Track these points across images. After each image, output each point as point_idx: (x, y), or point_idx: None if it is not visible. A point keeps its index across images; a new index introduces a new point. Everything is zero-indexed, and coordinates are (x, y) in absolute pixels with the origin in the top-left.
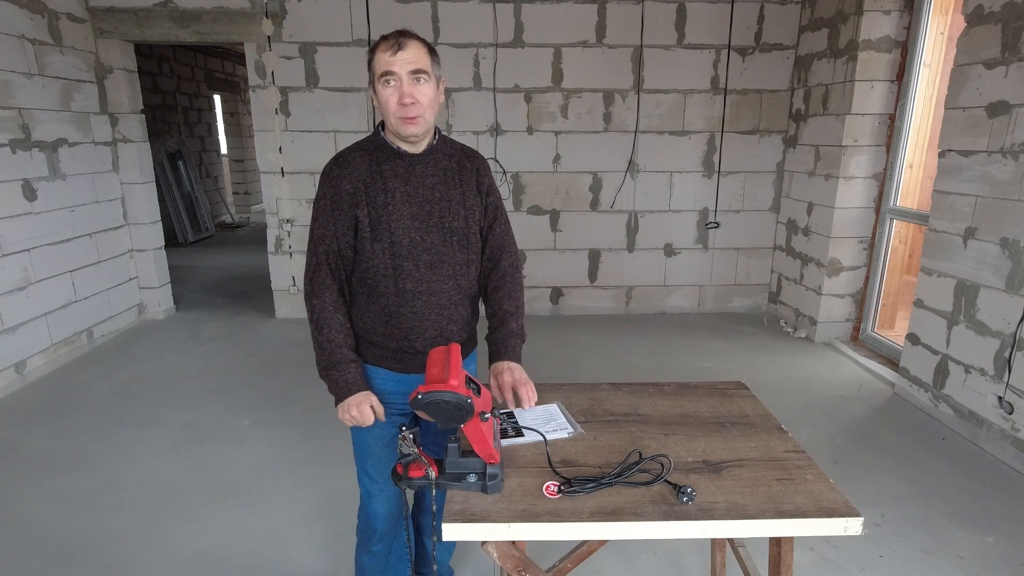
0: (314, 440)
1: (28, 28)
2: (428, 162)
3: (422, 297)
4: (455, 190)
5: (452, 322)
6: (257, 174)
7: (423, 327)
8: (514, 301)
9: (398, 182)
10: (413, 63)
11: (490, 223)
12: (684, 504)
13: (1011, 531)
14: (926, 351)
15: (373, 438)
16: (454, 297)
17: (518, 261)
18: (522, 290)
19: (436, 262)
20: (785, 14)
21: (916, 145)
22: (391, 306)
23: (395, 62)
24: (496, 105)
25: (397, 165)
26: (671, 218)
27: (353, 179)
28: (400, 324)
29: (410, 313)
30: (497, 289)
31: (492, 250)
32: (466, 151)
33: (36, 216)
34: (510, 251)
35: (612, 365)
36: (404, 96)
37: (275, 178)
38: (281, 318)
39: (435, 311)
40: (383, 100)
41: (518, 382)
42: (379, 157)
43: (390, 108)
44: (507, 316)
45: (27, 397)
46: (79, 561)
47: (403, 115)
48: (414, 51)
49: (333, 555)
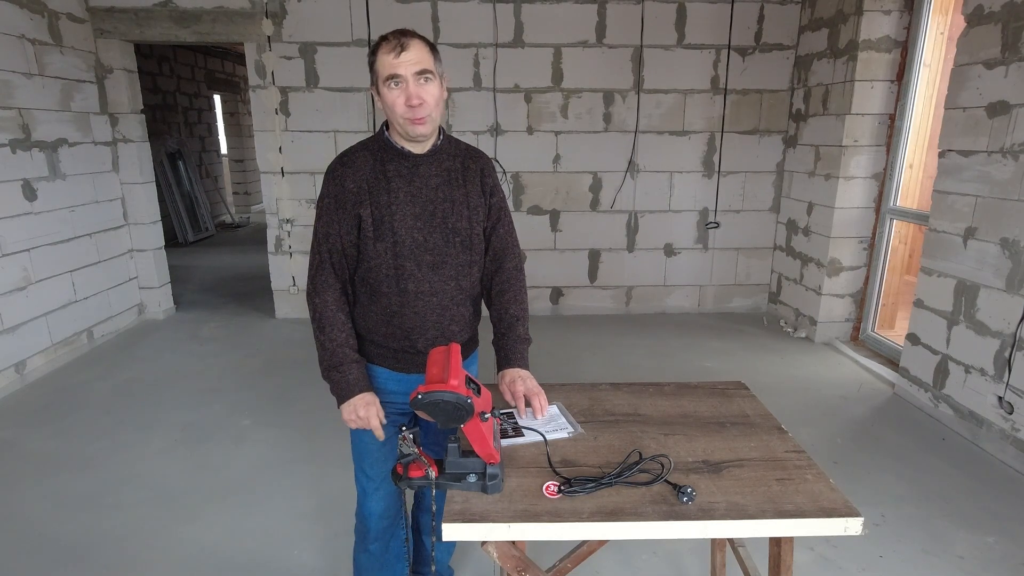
0: (314, 440)
1: (28, 28)
2: (432, 162)
3: (424, 298)
4: (459, 190)
5: (454, 322)
6: (257, 174)
7: (424, 327)
8: (520, 304)
9: (402, 182)
10: (418, 63)
11: (493, 224)
12: (684, 504)
13: (1011, 531)
14: (926, 351)
15: (371, 437)
16: (456, 297)
17: (521, 263)
18: (526, 292)
19: (438, 263)
20: (785, 14)
21: (916, 145)
22: (393, 306)
23: (400, 64)
24: (496, 105)
25: (401, 165)
26: (671, 218)
27: (357, 178)
28: (402, 324)
29: (412, 313)
30: (503, 292)
31: (495, 251)
32: (470, 151)
33: (36, 216)
34: (513, 252)
35: (612, 365)
36: (411, 97)
37: (275, 178)
38: (281, 318)
39: (437, 311)
40: (389, 102)
41: (531, 392)
42: (383, 157)
43: (397, 110)
44: (514, 321)
45: (27, 397)
46: (79, 561)
47: (411, 116)
48: (417, 51)
49: (332, 555)
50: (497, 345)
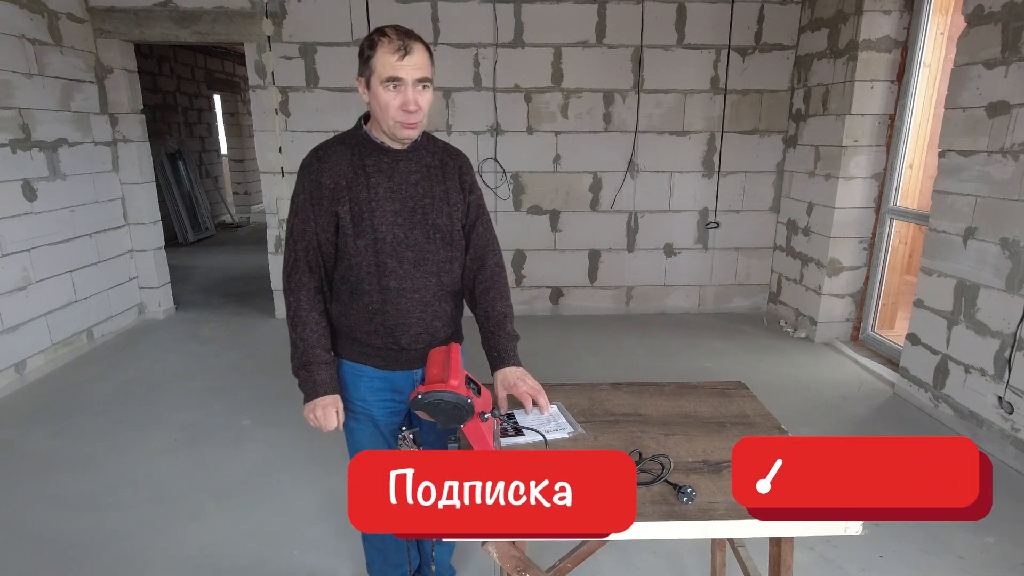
0: (314, 440)
1: (28, 28)
2: (412, 158)
3: (406, 295)
4: (439, 187)
5: (436, 318)
6: (257, 174)
7: (407, 324)
8: (506, 301)
9: (381, 178)
10: (420, 70)
11: (472, 222)
12: (684, 504)
13: (1011, 531)
14: (926, 351)
15: (366, 436)
16: (438, 294)
17: (502, 260)
18: (509, 288)
19: (420, 259)
20: (785, 14)
21: (916, 145)
22: (374, 304)
23: (403, 68)
24: (496, 105)
25: (381, 160)
26: (671, 218)
27: (334, 174)
28: (384, 321)
29: (394, 310)
30: (487, 291)
31: (476, 249)
32: (448, 149)
33: (36, 216)
34: (494, 250)
35: (612, 365)
36: (409, 103)
37: (275, 178)
38: (281, 318)
39: (419, 308)
40: (384, 102)
41: (534, 390)
42: (361, 152)
43: (391, 112)
44: (502, 319)
45: (27, 397)
46: (79, 561)
47: (405, 120)
48: (420, 57)
49: (333, 555)
50: (488, 345)
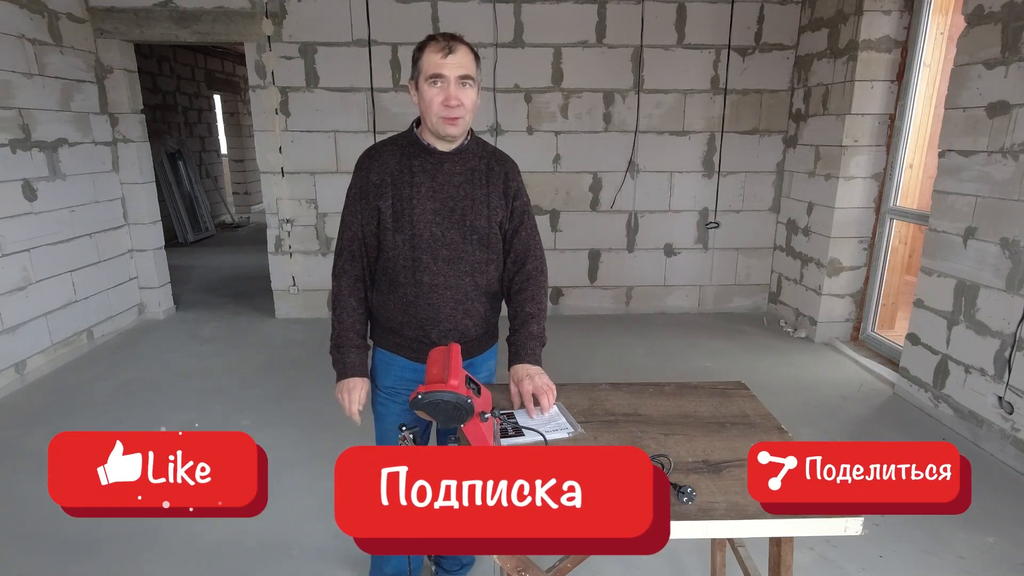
0: (314, 440)
1: (28, 28)
2: (457, 160)
3: (438, 290)
4: (480, 190)
5: (467, 316)
6: (257, 174)
7: (438, 319)
8: (537, 303)
9: (425, 177)
10: (462, 68)
11: (516, 227)
12: (684, 504)
13: (1011, 531)
14: (926, 351)
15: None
16: (471, 293)
17: (543, 264)
18: (546, 293)
19: (455, 257)
20: (785, 14)
21: (916, 145)
22: (408, 296)
23: (445, 65)
24: (496, 105)
25: (426, 161)
26: (671, 218)
27: (381, 171)
28: (416, 314)
29: (426, 304)
30: (521, 291)
31: (517, 253)
32: (497, 153)
33: (36, 216)
34: (535, 255)
35: (612, 365)
36: (450, 98)
37: (275, 178)
38: (281, 318)
39: (451, 305)
40: (428, 99)
41: (538, 389)
42: (410, 152)
43: (434, 108)
44: (529, 318)
45: (27, 397)
46: (78, 562)
47: (447, 115)
48: (464, 56)
49: (333, 555)
50: (510, 341)
